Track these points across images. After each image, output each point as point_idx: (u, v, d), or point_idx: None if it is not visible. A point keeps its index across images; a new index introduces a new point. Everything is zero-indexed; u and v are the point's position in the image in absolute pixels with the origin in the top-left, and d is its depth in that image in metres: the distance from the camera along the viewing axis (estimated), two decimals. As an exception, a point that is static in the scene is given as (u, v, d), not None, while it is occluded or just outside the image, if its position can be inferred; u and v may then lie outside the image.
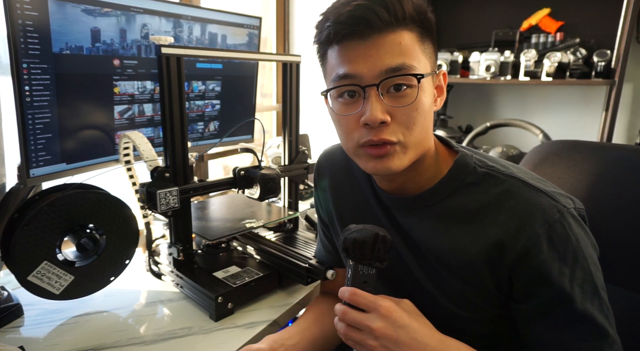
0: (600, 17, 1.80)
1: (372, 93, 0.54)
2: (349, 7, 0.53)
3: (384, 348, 0.50)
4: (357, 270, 0.54)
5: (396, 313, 0.51)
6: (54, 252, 0.78)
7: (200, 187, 0.87)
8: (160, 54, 0.78)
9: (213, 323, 0.81)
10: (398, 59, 0.53)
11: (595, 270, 0.54)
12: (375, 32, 0.53)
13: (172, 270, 0.91)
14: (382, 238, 0.54)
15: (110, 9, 0.90)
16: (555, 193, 0.56)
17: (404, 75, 0.54)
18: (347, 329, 0.53)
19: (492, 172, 0.60)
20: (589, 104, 1.91)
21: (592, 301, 0.53)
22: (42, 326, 0.80)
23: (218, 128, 1.26)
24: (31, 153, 0.82)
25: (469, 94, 2.15)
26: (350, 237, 0.54)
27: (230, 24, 1.20)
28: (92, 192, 0.83)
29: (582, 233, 0.55)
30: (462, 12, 2.04)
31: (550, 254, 0.53)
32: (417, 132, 0.57)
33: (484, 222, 0.57)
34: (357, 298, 0.52)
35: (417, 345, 0.50)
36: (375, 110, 0.54)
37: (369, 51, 0.54)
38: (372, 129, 0.55)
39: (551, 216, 0.54)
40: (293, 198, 1.11)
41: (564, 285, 0.52)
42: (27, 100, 0.79)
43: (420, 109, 0.56)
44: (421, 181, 0.63)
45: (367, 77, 0.54)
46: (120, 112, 0.99)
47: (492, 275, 0.57)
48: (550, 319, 0.53)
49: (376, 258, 0.54)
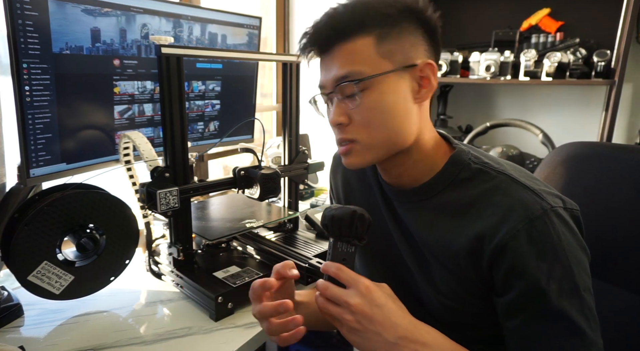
0: (600, 17, 1.80)
1: (333, 100, 0.62)
2: (311, 26, 0.62)
3: (358, 323, 0.52)
4: (336, 246, 0.56)
5: (374, 293, 0.52)
6: (54, 251, 0.78)
7: (200, 187, 0.88)
8: (160, 54, 0.78)
9: (213, 323, 0.81)
10: (345, 68, 0.59)
11: (578, 269, 0.54)
12: (330, 46, 0.60)
13: (172, 270, 0.91)
14: (360, 217, 0.55)
15: (110, 9, 0.91)
16: (543, 192, 0.57)
17: (345, 83, 0.59)
18: (325, 303, 0.54)
19: (484, 167, 0.62)
20: (588, 104, 1.91)
21: (571, 299, 0.53)
22: (42, 326, 0.80)
23: (218, 128, 1.26)
24: (31, 153, 0.82)
25: (468, 94, 2.15)
26: (329, 214, 0.56)
27: (230, 24, 1.20)
28: (92, 192, 0.83)
29: (567, 232, 0.56)
30: (462, 12, 2.04)
31: (528, 248, 0.54)
32: (378, 130, 0.60)
33: (471, 216, 0.59)
34: (340, 273, 0.54)
35: (390, 324, 0.52)
36: (333, 114, 0.62)
37: (328, 63, 0.61)
38: (336, 130, 0.63)
39: (533, 212, 0.55)
40: (293, 198, 1.11)
41: (539, 279, 0.53)
42: (27, 100, 0.79)
43: (375, 109, 0.59)
44: (416, 174, 0.65)
45: (327, 86, 0.62)
46: (120, 112, 0.99)
47: (475, 268, 0.59)
48: (526, 313, 0.54)
49: (354, 235, 0.55)
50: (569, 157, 0.88)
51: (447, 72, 1.89)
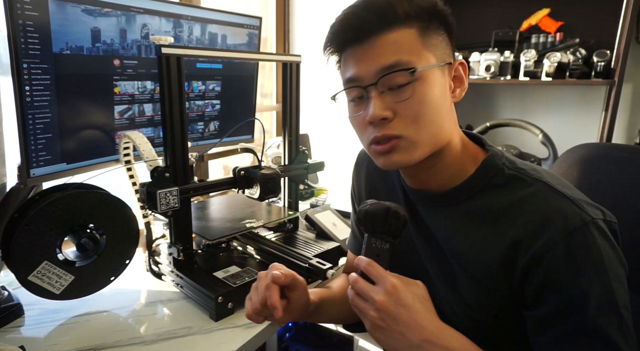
0: (600, 17, 1.80)
1: (372, 93, 0.57)
2: (341, 16, 0.59)
3: (382, 321, 0.52)
4: (370, 242, 0.56)
5: (401, 292, 0.52)
6: (54, 251, 0.78)
7: (200, 187, 0.88)
8: (161, 54, 0.78)
9: (213, 323, 0.81)
10: (392, 57, 0.56)
11: (618, 286, 0.51)
12: (369, 35, 0.56)
13: (172, 270, 0.91)
14: (394, 214, 0.55)
15: (111, 9, 0.91)
16: (582, 202, 0.54)
17: (398, 71, 0.56)
18: (354, 296, 0.55)
19: (519, 174, 0.59)
20: (588, 104, 1.91)
21: (610, 318, 0.50)
22: (42, 326, 0.80)
23: (218, 128, 1.26)
24: (31, 153, 0.82)
25: (468, 94, 2.12)
26: (364, 209, 0.57)
27: (230, 24, 1.20)
28: (92, 192, 0.83)
29: (608, 246, 0.52)
30: (462, 12, 2.04)
31: (566, 261, 0.51)
32: (426, 126, 0.57)
33: (504, 224, 0.56)
34: (370, 268, 0.54)
35: (415, 325, 0.51)
36: (375, 108, 0.57)
37: (366, 53, 0.57)
38: (376, 126, 0.58)
39: (572, 224, 0.52)
40: (293, 198, 1.11)
41: (576, 295, 0.50)
42: (28, 100, 0.79)
43: (425, 102, 0.57)
44: (443, 178, 0.63)
45: (366, 77, 0.58)
46: (121, 112, 0.99)
47: (506, 278, 0.56)
48: (560, 329, 0.51)
49: (388, 232, 0.55)
50: (582, 159, 0.86)
51: (447, 72, 1.89)
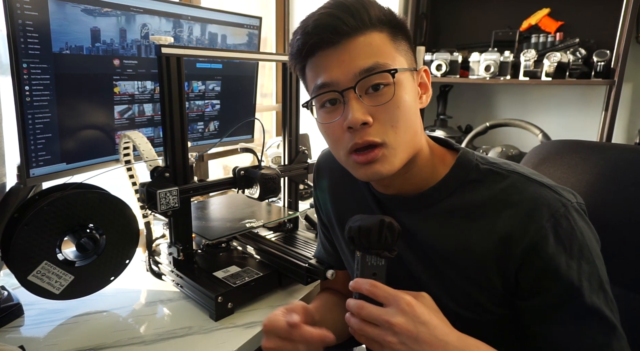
0: (600, 17, 1.80)
1: (350, 97, 0.55)
2: (314, 17, 0.55)
3: (403, 344, 0.47)
4: (365, 261, 0.51)
5: (418, 309, 0.48)
6: (54, 251, 0.78)
7: (200, 187, 0.88)
8: (160, 54, 0.78)
9: (213, 323, 0.81)
10: (370, 59, 0.54)
11: (599, 263, 0.54)
12: (344, 38, 0.54)
13: (172, 270, 0.91)
14: (389, 225, 0.51)
15: (110, 9, 0.91)
16: (557, 187, 0.57)
17: (378, 73, 0.54)
18: (362, 324, 0.50)
19: (494, 168, 0.60)
20: (588, 104, 1.91)
21: (599, 295, 0.53)
22: (42, 326, 0.80)
23: (218, 128, 1.26)
24: (31, 153, 0.82)
25: (468, 94, 2.15)
26: (355, 225, 0.52)
27: (230, 24, 1.20)
28: (92, 192, 0.83)
29: (586, 226, 0.55)
30: (462, 12, 2.04)
31: (557, 248, 0.52)
32: (403, 131, 0.56)
33: (490, 218, 0.57)
34: (376, 290, 0.49)
35: (438, 342, 0.47)
36: (356, 112, 0.54)
37: (341, 56, 0.55)
38: (355, 132, 0.55)
39: (556, 210, 0.54)
40: (293, 198, 1.11)
41: (572, 278, 0.52)
42: (27, 100, 0.79)
43: (402, 106, 0.56)
44: (418, 182, 0.62)
45: (343, 81, 0.55)
46: (120, 112, 0.99)
47: (500, 272, 0.56)
48: (560, 314, 0.53)
49: (384, 246, 0.51)
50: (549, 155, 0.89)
51: (447, 72, 1.89)
